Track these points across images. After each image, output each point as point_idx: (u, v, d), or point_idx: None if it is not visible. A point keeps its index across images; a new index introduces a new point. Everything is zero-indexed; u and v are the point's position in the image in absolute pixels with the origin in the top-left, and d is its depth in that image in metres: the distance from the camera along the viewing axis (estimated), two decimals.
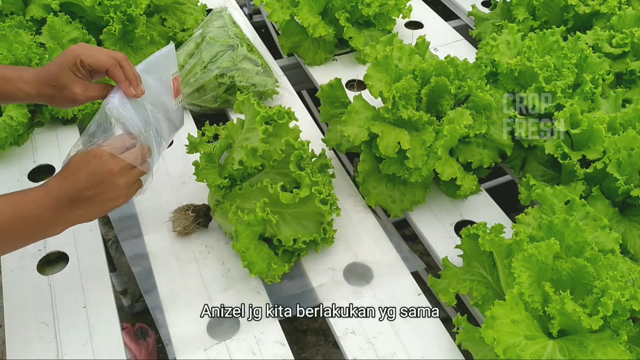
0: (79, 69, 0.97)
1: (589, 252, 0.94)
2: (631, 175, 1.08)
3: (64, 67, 0.97)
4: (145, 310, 1.25)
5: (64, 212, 0.88)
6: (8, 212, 0.85)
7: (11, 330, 1.03)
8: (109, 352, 1.00)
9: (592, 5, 1.52)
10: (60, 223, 0.90)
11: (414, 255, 1.18)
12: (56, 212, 0.88)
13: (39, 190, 0.88)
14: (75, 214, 0.89)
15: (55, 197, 0.87)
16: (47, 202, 0.87)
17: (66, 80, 0.97)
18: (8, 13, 1.57)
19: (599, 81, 1.28)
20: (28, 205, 0.87)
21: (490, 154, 1.24)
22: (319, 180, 1.08)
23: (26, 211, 0.86)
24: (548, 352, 0.84)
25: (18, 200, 0.87)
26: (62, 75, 0.97)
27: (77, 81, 0.98)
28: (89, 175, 0.88)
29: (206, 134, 1.18)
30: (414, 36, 1.79)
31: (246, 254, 1.04)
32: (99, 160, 0.88)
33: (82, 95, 0.99)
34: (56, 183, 0.89)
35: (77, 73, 0.97)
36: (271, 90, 1.52)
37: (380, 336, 1.03)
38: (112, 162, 0.89)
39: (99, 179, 0.88)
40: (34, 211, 0.86)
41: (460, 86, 1.26)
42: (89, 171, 0.88)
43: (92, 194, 0.88)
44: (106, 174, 0.88)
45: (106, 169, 0.88)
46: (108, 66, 0.97)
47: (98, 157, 0.88)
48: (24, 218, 0.86)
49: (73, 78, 0.97)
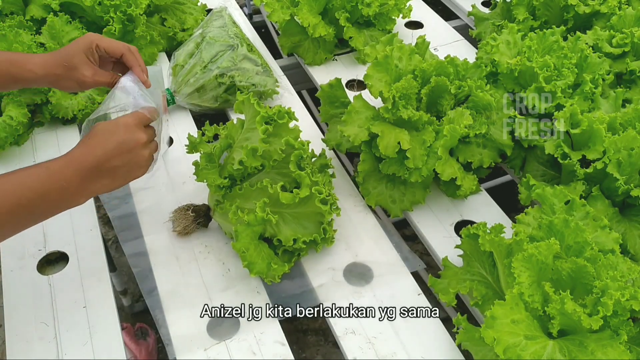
0: (92, 53, 1.01)
1: (589, 252, 0.94)
2: (631, 175, 1.08)
3: (78, 49, 1.00)
4: (145, 310, 1.25)
5: (89, 182, 0.86)
6: (31, 186, 0.82)
7: (11, 330, 1.03)
8: (109, 352, 1.00)
9: (592, 5, 1.52)
10: (84, 194, 0.88)
11: (414, 255, 1.18)
12: (81, 183, 0.86)
13: (60, 161, 0.85)
14: (100, 183, 0.88)
15: (80, 167, 0.85)
16: (70, 173, 0.85)
17: (78, 62, 1.00)
18: (8, 13, 1.57)
19: (599, 81, 1.28)
20: (51, 178, 0.84)
21: (490, 154, 1.24)
22: (319, 180, 1.08)
23: (50, 185, 0.84)
24: (548, 352, 0.84)
25: (40, 175, 0.84)
26: (75, 56, 1.00)
27: (88, 64, 1.01)
28: (117, 144, 0.87)
29: (206, 134, 1.18)
30: (414, 36, 1.79)
31: (246, 254, 1.04)
32: (127, 129, 0.88)
33: (90, 79, 1.01)
34: (80, 152, 0.86)
35: (90, 57, 1.01)
36: (271, 90, 1.52)
37: (380, 336, 1.03)
38: (140, 132, 0.89)
39: (126, 147, 0.88)
40: (58, 184, 0.84)
41: (460, 86, 1.26)
42: (118, 140, 0.87)
43: (118, 164, 0.88)
44: (134, 143, 0.88)
45: (135, 138, 0.88)
46: (123, 51, 1.01)
47: (127, 127, 0.88)
48: (48, 192, 0.84)
49: (85, 61, 1.00)
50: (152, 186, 1.30)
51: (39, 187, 0.83)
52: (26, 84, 1.07)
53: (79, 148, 0.87)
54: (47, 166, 0.85)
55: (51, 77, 1.02)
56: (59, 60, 1.01)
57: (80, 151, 0.87)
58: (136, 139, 0.89)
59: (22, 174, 0.84)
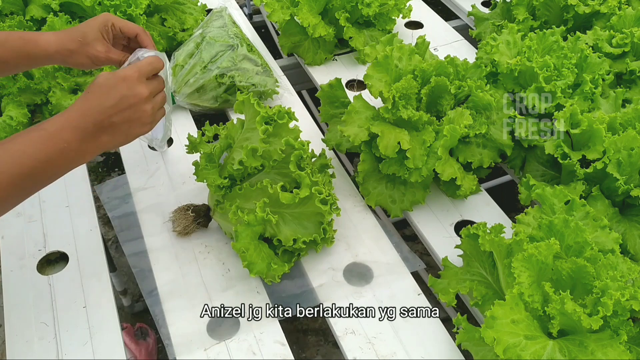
0: (107, 31, 1.02)
1: (589, 252, 0.94)
2: (631, 175, 1.08)
3: (94, 26, 1.02)
4: (145, 310, 1.25)
5: (89, 141, 0.82)
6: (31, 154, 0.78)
7: (11, 330, 1.03)
8: (109, 352, 1.00)
9: (592, 5, 1.52)
10: (87, 153, 0.85)
11: (414, 255, 1.18)
12: (81, 143, 0.82)
13: (57, 122, 0.81)
14: (100, 141, 0.84)
15: (78, 126, 0.81)
16: (69, 134, 0.80)
17: (93, 38, 1.01)
18: (8, 13, 1.57)
19: (599, 81, 1.28)
20: (50, 142, 0.79)
21: (490, 154, 1.24)
22: (319, 180, 1.08)
23: (50, 149, 0.79)
24: (548, 352, 0.84)
25: (39, 140, 0.80)
26: (90, 32, 1.01)
27: (102, 41, 1.02)
28: (117, 100, 0.82)
29: (206, 134, 1.18)
30: (414, 36, 1.79)
31: (246, 254, 1.04)
32: (127, 83, 0.83)
33: (104, 55, 1.02)
34: (78, 110, 0.82)
35: (104, 34, 1.02)
36: (271, 90, 1.52)
37: (380, 336, 1.03)
38: (140, 86, 0.84)
39: (127, 103, 0.83)
40: (58, 146, 0.80)
41: (460, 86, 1.26)
42: (117, 95, 0.82)
43: (119, 120, 0.83)
44: (134, 98, 0.84)
45: (135, 93, 0.83)
46: (138, 31, 1.03)
47: (126, 80, 0.83)
48: (49, 157, 0.80)
49: (100, 38, 1.02)
50: (152, 186, 1.30)
51: (39, 153, 0.79)
52: (39, 61, 1.05)
53: (77, 105, 0.83)
54: (44, 128, 0.80)
55: (64, 53, 1.01)
56: (74, 35, 1.01)
57: (78, 108, 0.82)
58: (136, 93, 0.83)
59: (20, 141, 0.79)
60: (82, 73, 1.48)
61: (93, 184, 1.32)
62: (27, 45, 1.01)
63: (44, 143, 0.79)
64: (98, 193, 1.31)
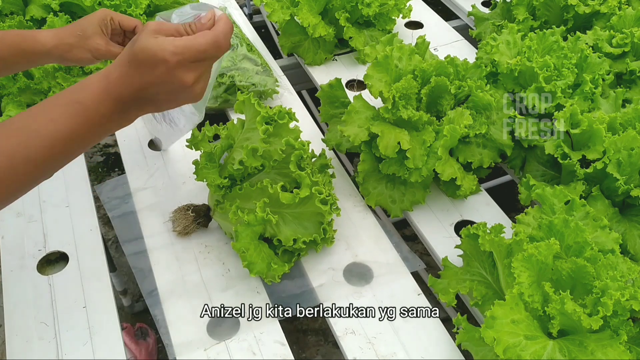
0: (106, 25, 1.03)
1: (589, 252, 0.94)
2: (631, 175, 1.08)
3: (93, 20, 1.02)
4: (145, 310, 1.25)
5: (131, 112, 0.76)
6: (64, 131, 0.72)
7: (11, 330, 1.03)
8: (109, 352, 1.00)
9: (592, 5, 1.52)
10: (127, 121, 0.78)
11: (414, 255, 1.18)
12: (121, 114, 0.75)
13: (95, 93, 0.73)
14: (144, 110, 0.78)
15: (119, 99, 0.74)
16: (110, 107, 0.73)
17: (92, 32, 1.01)
18: (8, 13, 1.57)
19: (599, 81, 1.28)
20: (87, 117, 0.73)
21: (490, 154, 1.24)
22: (319, 181, 1.08)
23: (86, 124, 0.73)
24: (548, 352, 0.84)
25: (74, 114, 0.72)
26: (89, 27, 1.02)
27: (102, 35, 1.03)
28: (158, 84, 0.73)
29: (206, 134, 1.18)
30: (414, 36, 1.79)
31: (246, 254, 1.04)
32: (169, 72, 0.73)
33: (104, 47, 1.02)
34: (118, 82, 0.73)
35: (103, 28, 1.02)
36: (271, 90, 1.52)
37: (380, 336, 1.03)
38: (186, 73, 0.73)
39: (170, 88, 0.75)
40: (95, 120, 0.73)
41: (460, 86, 1.26)
42: (158, 80, 0.73)
43: (163, 98, 0.76)
44: (179, 86, 0.74)
45: (179, 81, 0.74)
46: (137, 23, 1.04)
47: (168, 68, 0.72)
48: (85, 132, 0.73)
49: (99, 32, 1.02)
50: (152, 186, 1.30)
51: (74, 128, 0.72)
52: (37, 57, 1.03)
53: (117, 74, 0.73)
54: (80, 101, 0.73)
55: (63, 47, 1.01)
56: (73, 30, 1.01)
57: (117, 79, 0.73)
58: (181, 82, 0.74)
59: (53, 112, 0.72)
60: (82, 73, 1.48)
61: (93, 184, 1.32)
62: (25, 41, 1.00)
63: (80, 118, 0.72)
64: (98, 193, 1.31)
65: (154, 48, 0.72)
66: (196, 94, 0.78)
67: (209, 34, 0.75)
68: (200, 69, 0.75)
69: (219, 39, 0.75)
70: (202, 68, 0.75)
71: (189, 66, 0.73)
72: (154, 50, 0.72)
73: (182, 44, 0.72)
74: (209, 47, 0.74)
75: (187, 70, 0.73)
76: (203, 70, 0.76)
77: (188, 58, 0.73)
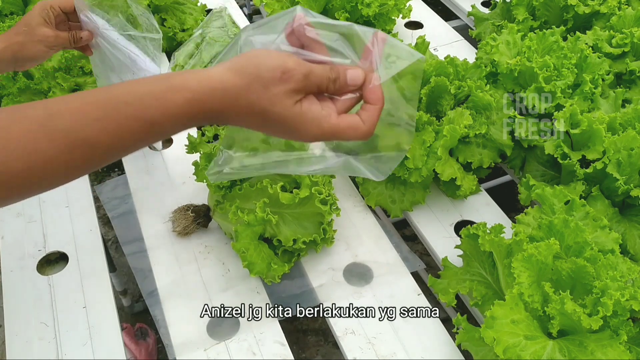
0: (48, 14, 1.02)
1: (589, 252, 0.94)
2: (631, 175, 1.08)
3: (34, 13, 1.02)
4: (145, 310, 1.25)
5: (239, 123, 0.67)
6: (181, 121, 0.60)
7: (11, 330, 1.03)
8: (109, 352, 1.00)
9: (592, 5, 1.52)
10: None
11: (413, 255, 1.18)
12: (227, 121, 0.65)
13: (211, 102, 0.60)
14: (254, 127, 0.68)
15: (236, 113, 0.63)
16: (217, 118, 0.64)
17: (36, 23, 1.01)
18: (8, 13, 1.57)
19: (598, 81, 1.28)
20: (200, 115, 0.61)
21: (490, 154, 1.24)
22: (318, 181, 1.08)
23: (196, 119, 0.62)
24: (548, 352, 0.84)
25: (191, 107, 0.60)
26: (32, 20, 1.02)
27: (47, 25, 1.03)
28: (296, 133, 0.64)
29: (206, 134, 1.18)
30: (414, 36, 1.79)
31: (246, 254, 1.04)
32: (326, 131, 0.62)
33: (52, 35, 1.03)
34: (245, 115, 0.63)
35: (46, 18, 1.02)
36: None
37: (380, 336, 1.03)
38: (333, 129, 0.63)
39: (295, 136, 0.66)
40: (202, 121, 0.63)
41: (460, 86, 1.26)
42: (300, 134, 0.64)
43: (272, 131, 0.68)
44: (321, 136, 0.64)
45: (328, 133, 0.63)
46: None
47: (309, 137, 0.64)
48: (191, 124, 0.63)
49: (43, 22, 1.02)
50: (152, 186, 1.30)
51: (175, 124, 0.61)
52: None
53: (245, 108, 0.61)
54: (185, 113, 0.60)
55: (15, 47, 1.01)
56: (17, 28, 1.02)
57: (244, 113, 0.62)
58: (330, 133, 0.63)
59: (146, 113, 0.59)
60: (82, 73, 1.48)
61: (93, 184, 1.32)
62: None
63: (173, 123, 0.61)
64: (98, 193, 1.31)
65: (321, 123, 0.62)
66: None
67: (361, 125, 0.63)
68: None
69: (370, 131, 0.64)
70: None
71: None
72: (321, 123, 0.62)
73: (330, 129, 0.62)
74: (355, 136, 0.64)
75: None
76: None
77: (329, 138, 0.64)
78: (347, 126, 0.63)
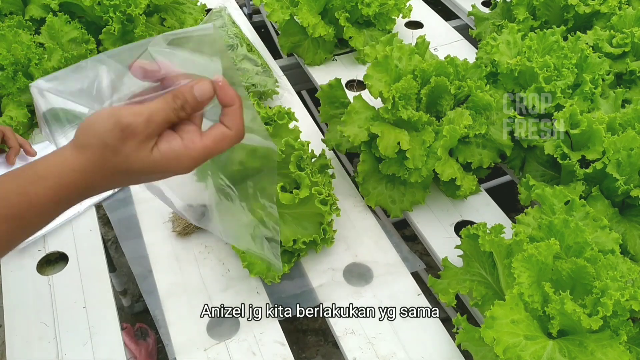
0: None
1: (589, 253, 0.94)
2: (631, 175, 1.08)
3: None
4: (145, 310, 1.25)
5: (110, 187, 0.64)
6: (51, 208, 0.60)
7: (11, 330, 1.03)
8: (109, 352, 1.00)
9: (592, 5, 1.52)
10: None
11: (413, 256, 1.18)
12: (101, 190, 0.63)
13: (71, 189, 0.60)
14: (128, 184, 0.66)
15: (101, 184, 0.61)
16: (88, 193, 0.62)
17: None
18: (7, 13, 1.57)
19: (598, 81, 1.28)
20: (60, 206, 0.61)
21: (490, 154, 1.24)
22: (318, 181, 1.08)
23: (58, 210, 0.62)
24: (548, 352, 0.84)
25: (57, 195, 0.59)
26: None
27: None
28: (169, 173, 0.63)
29: None
30: (414, 36, 1.79)
31: (246, 254, 1.04)
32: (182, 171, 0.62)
33: None
34: (106, 176, 0.60)
35: None
36: (271, 90, 1.51)
37: (380, 336, 1.03)
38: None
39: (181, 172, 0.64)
40: (68, 205, 0.62)
41: (460, 86, 1.26)
42: (173, 171, 0.62)
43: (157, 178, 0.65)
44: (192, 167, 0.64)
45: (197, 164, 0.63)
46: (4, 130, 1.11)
47: (182, 169, 0.62)
48: (56, 213, 0.62)
49: None
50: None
51: (56, 205, 0.61)
52: None
53: (99, 168, 0.59)
54: (60, 185, 0.59)
55: None
56: None
57: (105, 174, 0.60)
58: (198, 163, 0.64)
59: (37, 185, 0.59)
60: None
61: None
62: None
63: (53, 206, 0.61)
64: None
65: (194, 157, 0.62)
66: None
67: (227, 132, 0.63)
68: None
69: (239, 132, 0.65)
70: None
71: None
72: (194, 157, 0.62)
73: (201, 154, 0.62)
74: (228, 144, 0.64)
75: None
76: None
77: (205, 159, 0.64)
78: (215, 141, 0.62)
